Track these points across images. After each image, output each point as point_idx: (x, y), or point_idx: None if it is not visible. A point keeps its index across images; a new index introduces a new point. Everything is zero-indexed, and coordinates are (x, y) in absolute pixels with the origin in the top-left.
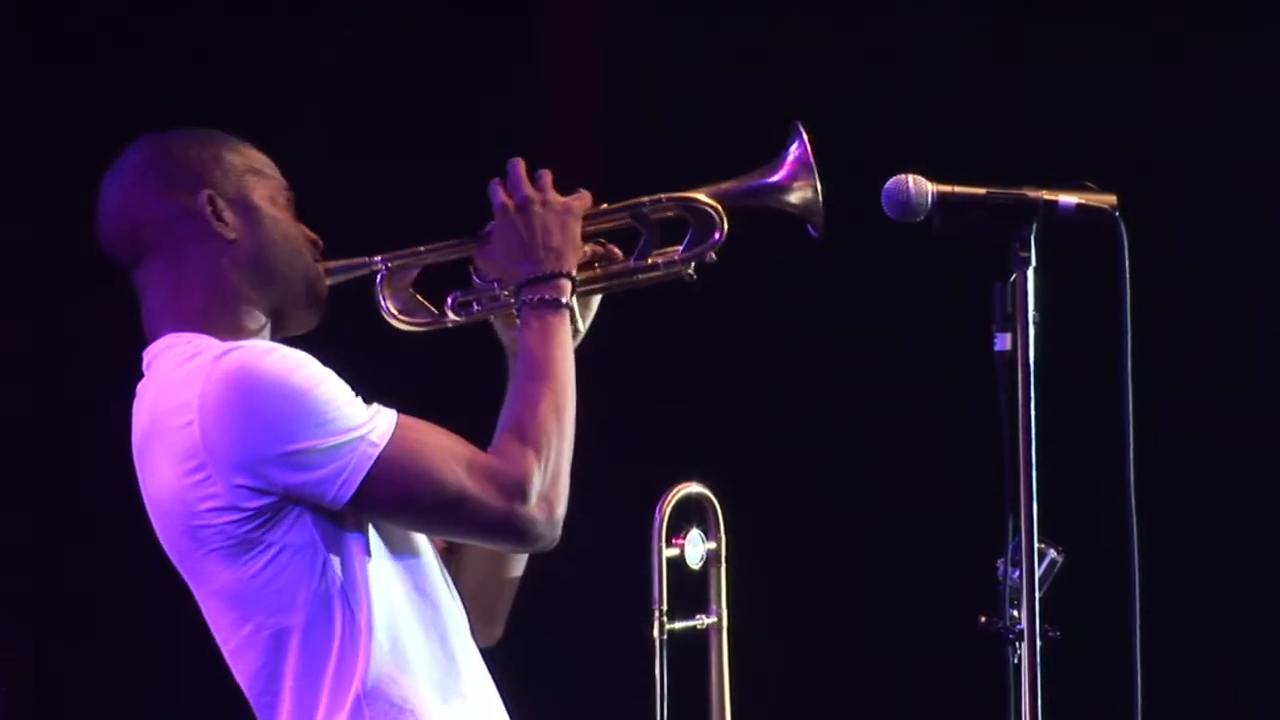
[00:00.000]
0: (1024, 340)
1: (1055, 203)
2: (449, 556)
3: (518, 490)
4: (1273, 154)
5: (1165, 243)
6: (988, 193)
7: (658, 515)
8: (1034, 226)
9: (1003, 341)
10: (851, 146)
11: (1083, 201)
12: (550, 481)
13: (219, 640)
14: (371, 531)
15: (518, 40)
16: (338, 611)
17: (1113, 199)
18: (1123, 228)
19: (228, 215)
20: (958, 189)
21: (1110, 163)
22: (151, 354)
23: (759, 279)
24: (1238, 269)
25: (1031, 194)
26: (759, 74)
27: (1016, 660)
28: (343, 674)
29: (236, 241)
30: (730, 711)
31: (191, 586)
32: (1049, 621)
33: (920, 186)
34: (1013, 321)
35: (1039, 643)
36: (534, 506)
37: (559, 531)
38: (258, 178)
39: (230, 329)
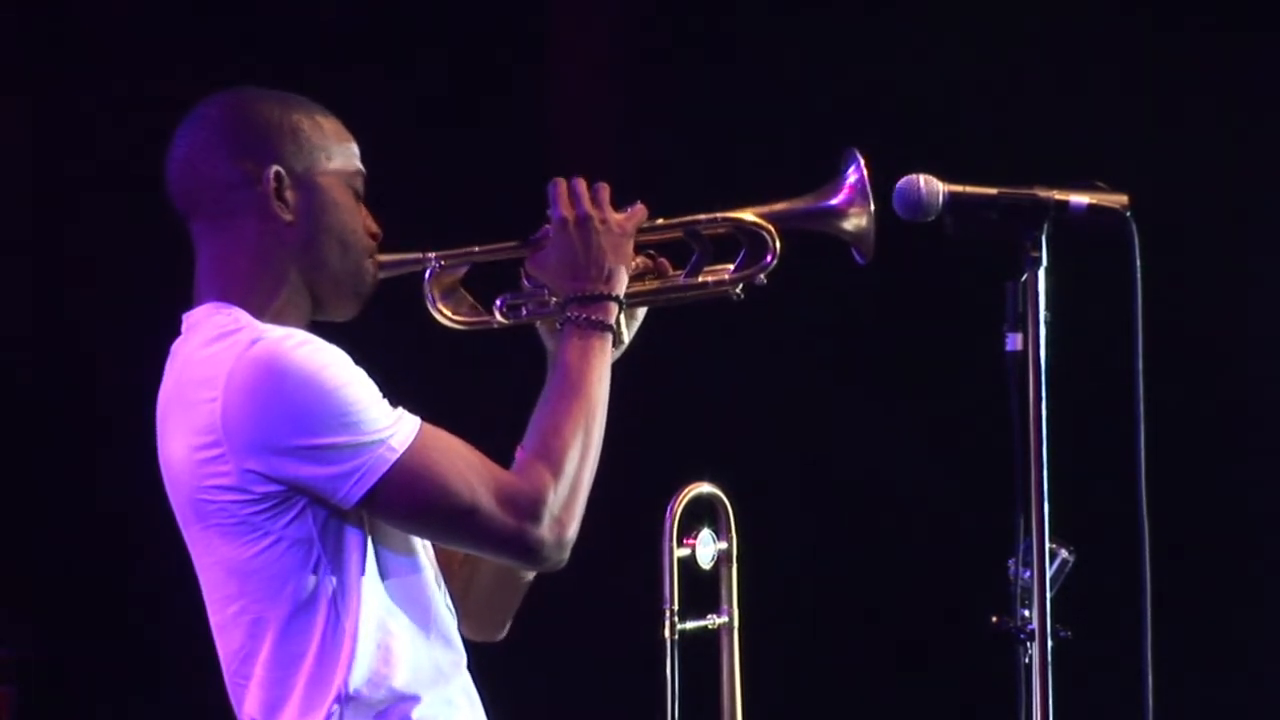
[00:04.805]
0: (1035, 340)
1: (1066, 203)
2: (457, 558)
3: (530, 510)
4: None
5: (1177, 242)
6: (999, 193)
7: (669, 515)
8: (1045, 226)
9: (1014, 341)
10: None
11: (1094, 201)
12: (565, 504)
13: (209, 610)
14: (371, 538)
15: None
16: (321, 612)
17: (1124, 199)
18: (1134, 228)
19: (289, 195)
20: (969, 189)
21: (1121, 162)
22: (191, 320)
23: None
24: (1249, 269)
25: (1043, 194)
26: (763, 73)
27: (1028, 660)
28: (321, 675)
29: (292, 224)
30: (741, 711)
31: (192, 554)
32: (1060, 621)
33: (932, 186)
34: (1024, 321)
35: (1050, 643)
36: (545, 527)
37: (567, 554)
38: (330, 156)
39: (270, 308)
